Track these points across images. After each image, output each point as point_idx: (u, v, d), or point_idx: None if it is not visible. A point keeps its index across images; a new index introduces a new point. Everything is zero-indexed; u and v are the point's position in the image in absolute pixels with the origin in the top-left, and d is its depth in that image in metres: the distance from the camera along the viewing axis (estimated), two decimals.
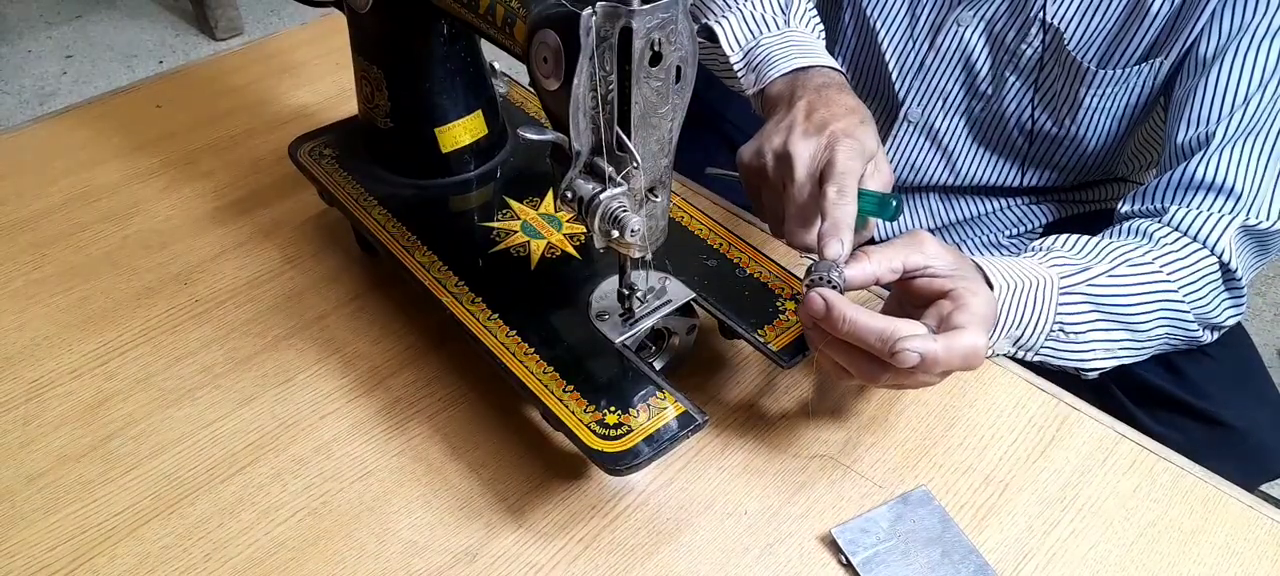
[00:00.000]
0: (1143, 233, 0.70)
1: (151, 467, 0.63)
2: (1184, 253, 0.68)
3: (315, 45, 1.09)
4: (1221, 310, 0.71)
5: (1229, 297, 0.71)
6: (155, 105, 0.99)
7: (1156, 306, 0.67)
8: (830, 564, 0.57)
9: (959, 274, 0.57)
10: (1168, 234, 0.69)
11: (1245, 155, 0.69)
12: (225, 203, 0.85)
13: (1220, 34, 0.70)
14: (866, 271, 0.56)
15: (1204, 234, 0.69)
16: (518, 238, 0.70)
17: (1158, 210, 0.71)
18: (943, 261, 0.57)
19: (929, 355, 0.52)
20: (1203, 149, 0.70)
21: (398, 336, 0.72)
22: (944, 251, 0.58)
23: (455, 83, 0.73)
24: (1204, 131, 0.70)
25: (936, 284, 0.57)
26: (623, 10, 0.48)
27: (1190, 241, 0.69)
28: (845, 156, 0.60)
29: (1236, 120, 0.69)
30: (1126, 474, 0.62)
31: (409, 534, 0.59)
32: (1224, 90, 0.70)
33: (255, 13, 2.69)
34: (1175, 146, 0.72)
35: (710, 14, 0.81)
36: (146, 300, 0.75)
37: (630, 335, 0.62)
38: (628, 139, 0.52)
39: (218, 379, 0.69)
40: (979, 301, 0.55)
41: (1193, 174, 0.70)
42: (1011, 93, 0.82)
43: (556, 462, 0.63)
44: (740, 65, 0.77)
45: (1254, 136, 0.69)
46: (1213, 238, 0.68)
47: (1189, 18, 0.71)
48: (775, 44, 0.76)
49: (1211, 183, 0.69)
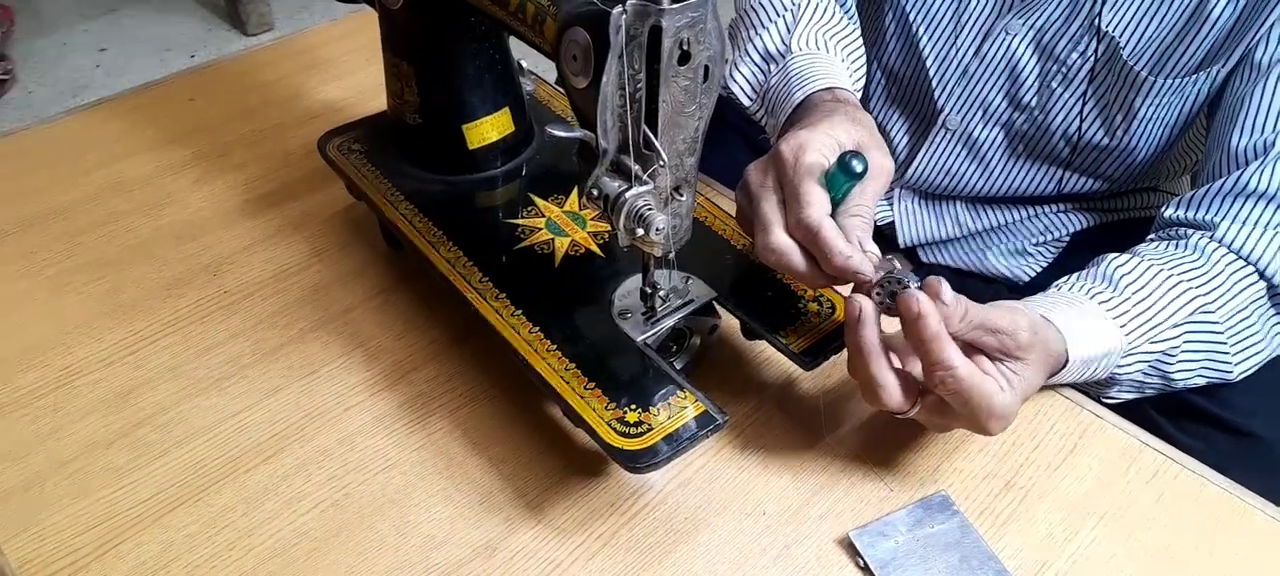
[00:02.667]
0: (1193, 246, 0.69)
1: (178, 456, 0.64)
2: (1235, 280, 0.67)
3: (345, 41, 1.10)
4: (1271, 336, 0.70)
5: (1278, 319, 0.70)
6: (188, 98, 1.00)
7: (1201, 363, 0.68)
8: (848, 567, 0.57)
9: (1026, 360, 0.57)
10: (1217, 250, 0.68)
11: None
12: (255, 195, 0.86)
13: None
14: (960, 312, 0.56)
15: (1257, 254, 0.68)
16: (542, 235, 0.71)
17: (1208, 222, 0.70)
18: (1025, 337, 0.57)
19: None
20: (1261, 157, 0.69)
21: (421, 331, 0.72)
22: (1034, 328, 0.58)
23: (484, 80, 0.74)
24: (1262, 139, 0.69)
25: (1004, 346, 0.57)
26: (652, 9, 0.48)
27: (1241, 263, 0.68)
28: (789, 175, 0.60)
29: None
30: (1149, 483, 0.61)
31: (429, 527, 0.59)
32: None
33: (286, 9, 2.71)
34: (1230, 151, 0.71)
35: (731, 79, 0.82)
36: (176, 290, 0.76)
37: (652, 334, 0.63)
38: (654, 138, 0.52)
39: (245, 370, 0.70)
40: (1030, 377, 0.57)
41: (1247, 182, 0.69)
42: (1058, 102, 0.81)
43: (576, 459, 0.63)
44: (762, 114, 0.78)
45: None
46: (1264, 256, 0.68)
47: (1251, 24, 0.70)
48: (778, 83, 0.77)
49: (1264, 192, 0.68)
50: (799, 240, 0.58)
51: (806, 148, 0.60)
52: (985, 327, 0.56)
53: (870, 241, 0.58)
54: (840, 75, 0.75)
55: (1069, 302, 0.64)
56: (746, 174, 0.64)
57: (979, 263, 0.94)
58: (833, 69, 0.75)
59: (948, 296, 0.55)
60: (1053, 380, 0.62)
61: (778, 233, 0.59)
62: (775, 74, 0.79)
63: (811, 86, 0.73)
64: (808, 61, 0.76)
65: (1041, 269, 0.92)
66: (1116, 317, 0.64)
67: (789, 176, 0.60)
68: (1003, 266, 0.93)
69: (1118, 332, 0.64)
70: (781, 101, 0.75)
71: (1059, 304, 0.63)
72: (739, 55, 0.83)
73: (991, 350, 0.57)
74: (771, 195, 0.61)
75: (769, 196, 0.61)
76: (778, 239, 0.59)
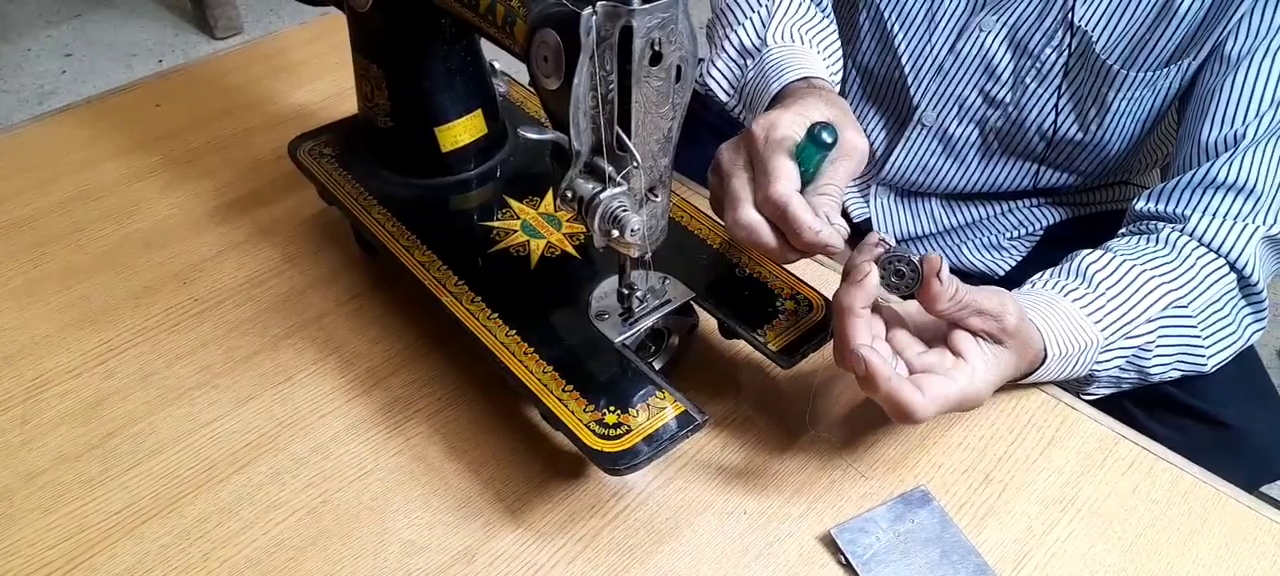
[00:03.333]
0: (1165, 240, 0.70)
1: (151, 466, 0.63)
2: (1207, 274, 0.68)
3: (314, 44, 1.09)
4: (1243, 327, 0.71)
5: (1250, 311, 0.71)
6: (155, 104, 0.99)
7: (1175, 356, 0.69)
8: (829, 564, 0.57)
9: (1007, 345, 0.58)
10: (1188, 243, 0.69)
11: (1268, 157, 0.69)
12: (225, 201, 0.85)
13: (1250, 34, 0.70)
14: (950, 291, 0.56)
15: (1227, 246, 0.69)
16: (517, 237, 0.70)
17: (1179, 215, 0.71)
18: (1011, 322, 0.58)
19: None
20: (1230, 149, 0.70)
21: (397, 336, 0.72)
22: (1021, 316, 0.59)
23: (455, 82, 0.73)
24: (1232, 132, 0.70)
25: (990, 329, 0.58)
26: (623, 10, 0.48)
27: (1212, 255, 0.69)
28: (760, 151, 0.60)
29: (1265, 123, 0.69)
30: (1126, 474, 0.62)
31: (408, 533, 0.59)
32: (1253, 92, 0.69)
33: (254, 12, 2.68)
34: (1200, 143, 0.71)
35: (708, 76, 0.82)
36: (146, 299, 0.75)
37: (630, 335, 0.62)
38: (628, 138, 0.52)
39: (217, 378, 0.69)
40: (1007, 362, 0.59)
41: (1216, 174, 0.70)
42: (1032, 98, 0.82)
43: (556, 462, 0.63)
44: (740, 109, 0.78)
45: (1276, 138, 0.69)
46: (1234, 248, 0.69)
47: (1220, 18, 0.71)
48: (755, 77, 0.77)
49: (1234, 183, 0.69)
50: (768, 216, 0.58)
51: (777, 124, 0.60)
52: (974, 309, 0.56)
53: (839, 217, 0.58)
54: (816, 66, 0.75)
55: (1045, 301, 0.64)
56: (718, 153, 0.64)
57: (954, 258, 0.94)
58: (809, 61, 0.75)
59: (946, 274, 0.55)
60: (1032, 378, 0.63)
61: (746, 208, 0.59)
62: (752, 68, 0.79)
63: (788, 77, 0.73)
64: (784, 54, 0.76)
65: (1016, 263, 0.92)
66: (1092, 314, 0.65)
67: (759, 152, 0.60)
68: (978, 261, 0.93)
69: (1094, 329, 0.64)
70: (759, 94, 0.75)
71: (1037, 302, 0.64)
72: (716, 52, 0.83)
73: (976, 330, 0.57)
74: (742, 172, 0.61)
75: (740, 173, 0.61)
76: (746, 214, 0.59)
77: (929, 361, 0.57)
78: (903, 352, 0.58)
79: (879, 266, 0.55)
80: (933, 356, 0.57)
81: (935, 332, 0.59)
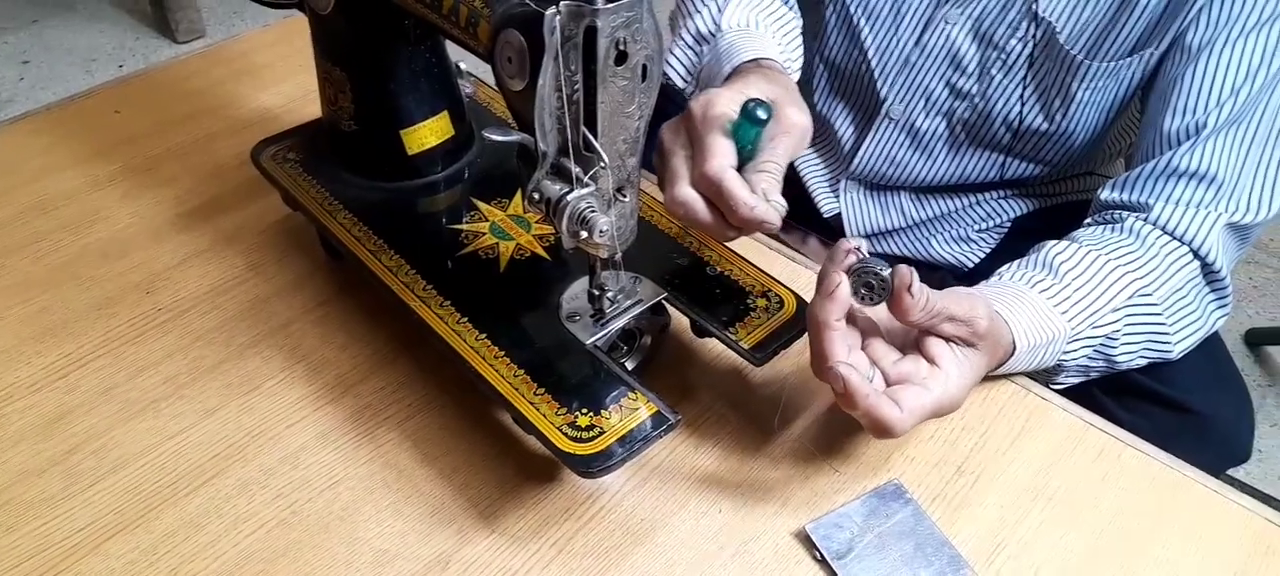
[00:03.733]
0: (1130, 230, 0.71)
1: (115, 481, 0.62)
2: (1171, 262, 0.69)
3: (278, 47, 1.08)
4: (1208, 313, 0.72)
5: (1214, 297, 0.72)
6: (114, 110, 0.97)
7: (1142, 343, 0.69)
8: (805, 560, 0.57)
9: (979, 347, 0.59)
10: (1152, 232, 0.70)
11: (1228, 145, 0.70)
12: (187, 209, 0.84)
13: (1210, 24, 0.71)
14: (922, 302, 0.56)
15: (1190, 233, 0.70)
16: (486, 239, 0.70)
17: (1142, 204, 0.72)
18: (983, 325, 0.58)
19: None
20: (1192, 138, 0.71)
21: (365, 342, 0.71)
22: (991, 318, 0.59)
23: (420, 84, 0.72)
24: (1193, 120, 0.71)
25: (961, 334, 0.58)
26: (587, 9, 0.47)
27: (1176, 244, 0.70)
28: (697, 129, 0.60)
29: (1225, 111, 0.70)
30: (1095, 462, 0.62)
31: (380, 542, 0.58)
32: (1213, 81, 0.70)
33: (217, 15, 2.65)
34: (1162, 133, 0.72)
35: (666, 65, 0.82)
36: (107, 310, 0.74)
37: (601, 336, 0.62)
38: (594, 139, 0.52)
39: (182, 389, 0.68)
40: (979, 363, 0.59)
41: (1178, 163, 0.71)
42: (998, 89, 0.82)
43: (529, 466, 0.62)
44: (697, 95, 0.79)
45: (1236, 126, 0.70)
46: (1197, 236, 0.70)
47: (1179, 9, 0.72)
48: (710, 62, 0.77)
49: (1196, 171, 0.70)
50: (704, 193, 0.58)
51: (714, 102, 0.60)
52: (945, 316, 0.57)
53: (778, 194, 0.58)
54: (769, 48, 0.75)
55: (1013, 293, 0.64)
56: (660, 132, 0.64)
57: (924, 251, 0.95)
58: (761, 43, 0.75)
59: (918, 287, 0.56)
60: (1001, 370, 0.63)
61: (682, 186, 0.59)
62: (707, 54, 0.79)
63: (739, 59, 0.73)
64: (737, 38, 0.76)
65: (984, 254, 0.93)
66: (1059, 305, 0.65)
67: (696, 130, 0.60)
68: (947, 254, 0.94)
69: (1061, 320, 0.65)
70: (711, 78, 0.75)
71: (1004, 294, 0.64)
72: (674, 41, 0.83)
73: (949, 336, 0.58)
74: (681, 150, 0.61)
75: (678, 152, 0.61)
76: (682, 191, 0.59)
77: (905, 370, 0.57)
78: (879, 362, 0.58)
79: (850, 277, 0.56)
80: (908, 365, 0.57)
81: (908, 337, 0.60)
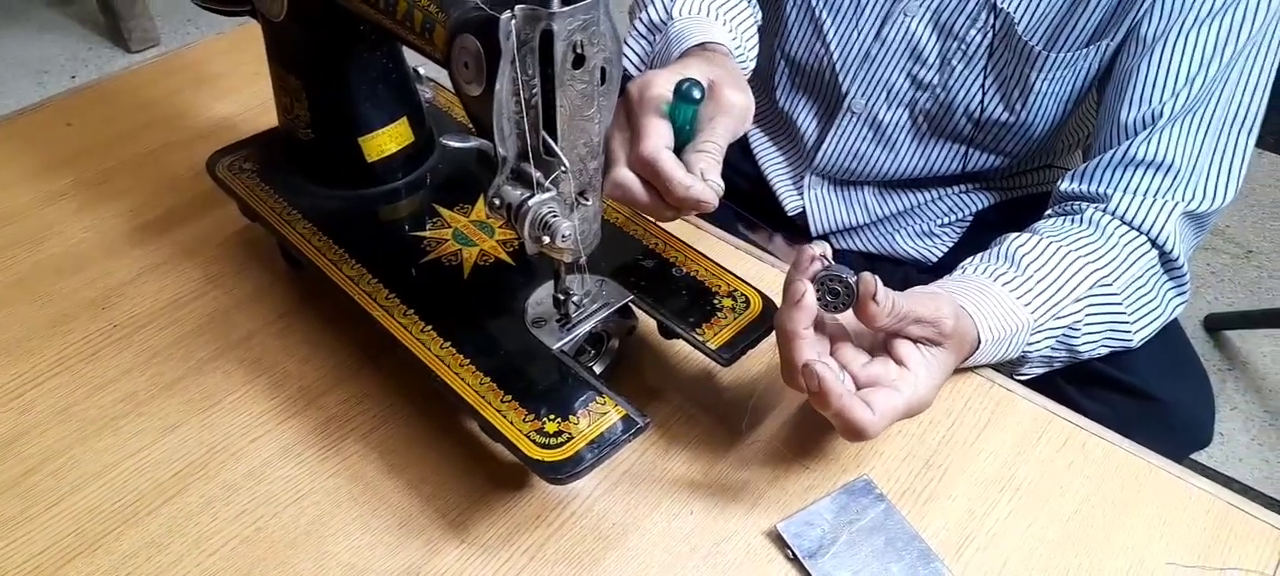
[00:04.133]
0: (1089, 220, 0.72)
1: (74, 503, 0.60)
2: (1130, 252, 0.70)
3: (233, 55, 1.06)
4: (1167, 301, 0.73)
5: (1172, 285, 0.73)
6: (66, 123, 0.95)
7: (1103, 333, 0.70)
8: (777, 558, 0.57)
9: (945, 346, 0.59)
10: (1111, 223, 0.71)
11: (1184, 134, 0.71)
12: (142, 222, 0.82)
13: (1164, 16, 0.72)
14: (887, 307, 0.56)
15: (1148, 223, 0.71)
16: (449, 246, 0.69)
17: (1101, 195, 0.73)
18: (949, 324, 0.58)
19: None
20: (1148, 127, 0.72)
21: (328, 353, 0.70)
22: (957, 316, 0.59)
23: (378, 90, 0.71)
24: (1149, 111, 0.72)
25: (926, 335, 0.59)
26: (542, 13, 0.47)
27: (1134, 233, 0.71)
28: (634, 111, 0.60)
29: (1180, 101, 0.71)
30: (1060, 452, 0.63)
31: (348, 556, 0.57)
32: (1168, 72, 0.71)
33: (171, 23, 2.61)
34: (1119, 123, 0.73)
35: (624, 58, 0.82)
36: (62, 327, 0.72)
37: (568, 340, 0.62)
38: (554, 143, 0.51)
39: (141, 406, 0.66)
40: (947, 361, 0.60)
41: (1135, 152, 0.72)
42: (959, 81, 0.83)
43: (498, 474, 0.62)
44: None
45: (1191, 115, 0.71)
46: (1155, 226, 0.71)
47: (1134, 1, 0.73)
48: (660, 50, 0.77)
49: (1152, 161, 0.71)
50: (641, 174, 0.58)
51: (651, 84, 0.60)
52: (911, 318, 0.57)
53: (716, 174, 0.58)
54: (716, 32, 0.75)
55: (977, 287, 0.65)
56: None
57: (888, 246, 0.95)
58: (709, 29, 0.75)
59: (882, 294, 0.56)
60: (967, 363, 0.64)
61: (619, 168, 0.59)
62: (659, 42, 0.79)
63: (687, 44, 0.73)
64: (686, 24, 0.76)
65: (948, 248, 0.94)
66: (1021, 297, 0.66)
67: (633, 112, 0.60)
68: (912, 249, 0.94)
69: (1024, 311, 0.65)
70: (661, 65, 0.75)
71: (968, 288, 0.64)
72: (629, 33, 0.83)
73: (916, 337, 0.58)
74: (619, 133, 0.61)
75: (617, 134, 0.61)
76: (619, 173, 0.59)
77: (874, 373, 0.57)
78: (848, 366, 0.58)
79: (815, 284, 0.56)
80: (877, 367, 0.58)
81: (876, 339, 0.60)
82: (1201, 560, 0.57)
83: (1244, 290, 1.75)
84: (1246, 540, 0.58)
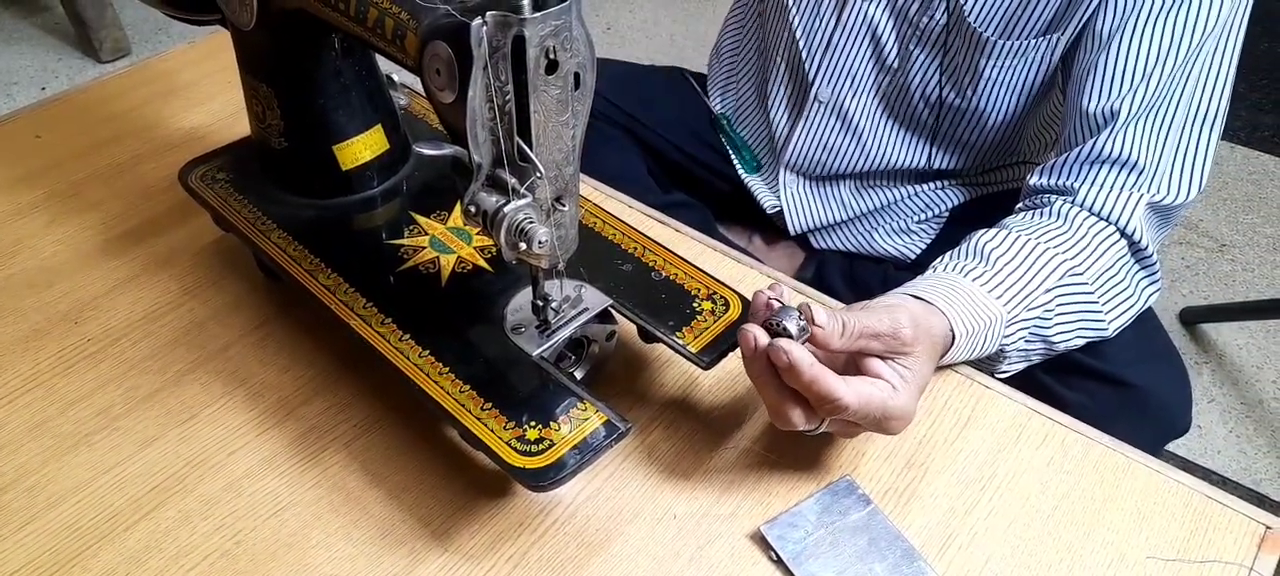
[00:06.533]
0: (1057, 213, 0.73)
1: (49, 520, 0.59)
2: (1099, 242, 0.71)
3: (205, 64, 1.05)
4: (1139, 290, 0.74)
5: (1144, 274, 0.74)
6: (36, 134, 0.94)
7: (1076, 322, 0.71)
8: (761, 561, 0.57)
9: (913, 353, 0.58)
10: (1079, 214, 0.72)
11: (1147, 130, 0.72)
12: (115, 234, 0.81)
13: (1117, 13, 0.73)
14: (836, 330, 0.56)
15: (1115, 214, 0.72)
16: (427, 254, 0.68)
17: (1068, 188, 0.74)
18: (908, 332, 0.58)
19: None
20: (1110, 123, 0.73)
21: (307, 363, 0.69)
22: (915, 323, 0.59)
23: (351, 98, 0.71)
24: (1110, 105, 0.73)
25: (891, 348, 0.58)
26: (513, 19, 0.47)
27: (1103, 224, 0.72)
28: None
29: (1139, 96, 0.72)
30: (1040, 448, 0.63)
31: (330, 568, 0.57)
32: (1126, 65, 0.72)
33: (142, 32, 2.57)
34: (1083, 116, 0.75)
35: None
36: (35, 343, 0.71)
37: (548, 347, 0.61)
38: (529, 149, 0.51)
39: (117, 421, 0.65)
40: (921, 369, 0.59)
41: (1100, 149, 0.73)
42: (917, 66, 0.85)
43: (480, 481, 0.61)
44: None
45: (1154, 111, 0.72)
46: (1122, 216, 0.72)
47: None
48: None
49: (1117, 157, 0.73)
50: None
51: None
52: (867, 334, 0.57)
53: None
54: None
55: (947, 284, 0.65)
56: None
57: (867, 244, 0.96)
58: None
59: (821, 318, 0.56)
60: (944, 360, 0.64)
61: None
62: None
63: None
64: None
65: (926, 245, 0.94)
66: (993, 290, 0.66)
67: None
68: (890, 246, 0.95)
69: (996, 304, 0.66)
70: None
71: (939, 286, 0.65)
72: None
73: (880, 353, 0.58)
74: None
75: None
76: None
77: None
78: None
79: (767, 331, 0.57)
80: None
81: (849, 364, 0.60)
82: (1181, 553, 0.58)
83: (1219, 284, 1.77)
84: (1225, 532, 0.58)
